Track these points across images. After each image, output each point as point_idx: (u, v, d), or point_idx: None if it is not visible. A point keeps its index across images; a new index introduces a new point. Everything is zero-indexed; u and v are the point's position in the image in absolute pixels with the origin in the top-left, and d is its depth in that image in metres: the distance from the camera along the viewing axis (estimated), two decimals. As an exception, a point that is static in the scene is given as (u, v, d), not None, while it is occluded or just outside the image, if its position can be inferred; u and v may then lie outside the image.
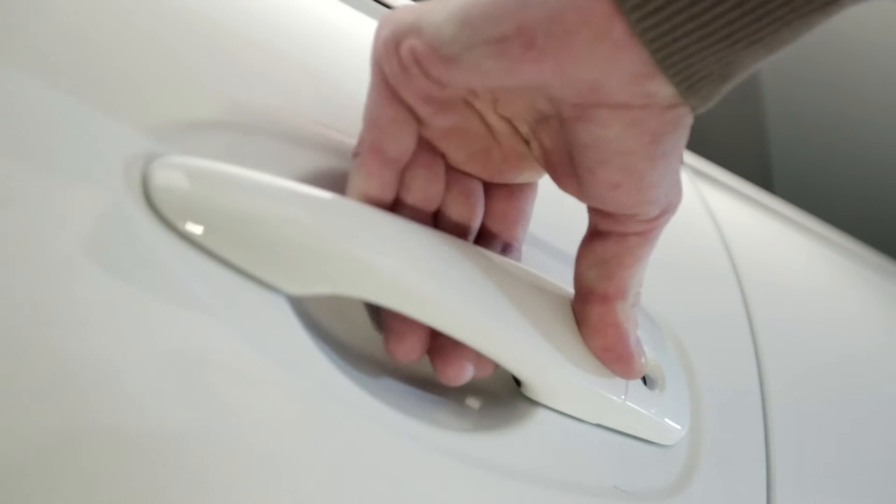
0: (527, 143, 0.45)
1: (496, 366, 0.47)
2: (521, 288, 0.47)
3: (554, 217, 0.55)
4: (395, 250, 0.42)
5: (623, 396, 0.49)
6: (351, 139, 0.46)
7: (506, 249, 0.50)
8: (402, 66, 0.41)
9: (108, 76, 0.39)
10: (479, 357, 0.46)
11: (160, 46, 0.42)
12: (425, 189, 0.46)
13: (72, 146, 0.37)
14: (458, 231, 0.48)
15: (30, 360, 0.34)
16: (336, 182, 0.45)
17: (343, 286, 0.41)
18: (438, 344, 0.46)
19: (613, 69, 0.37)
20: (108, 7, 0.41)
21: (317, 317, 0.44)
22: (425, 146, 0.46)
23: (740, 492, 0.58)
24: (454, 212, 0.47)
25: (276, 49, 0.47)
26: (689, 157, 0.75)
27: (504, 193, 0.49)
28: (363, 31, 0.53)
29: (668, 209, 0.43)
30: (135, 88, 0.40)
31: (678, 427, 0.53)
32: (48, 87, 0.37)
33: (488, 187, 0.49)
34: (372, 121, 0.43)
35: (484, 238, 0.49)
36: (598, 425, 0.50)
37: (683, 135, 0.40)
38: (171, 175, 0.38)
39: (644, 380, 0.52)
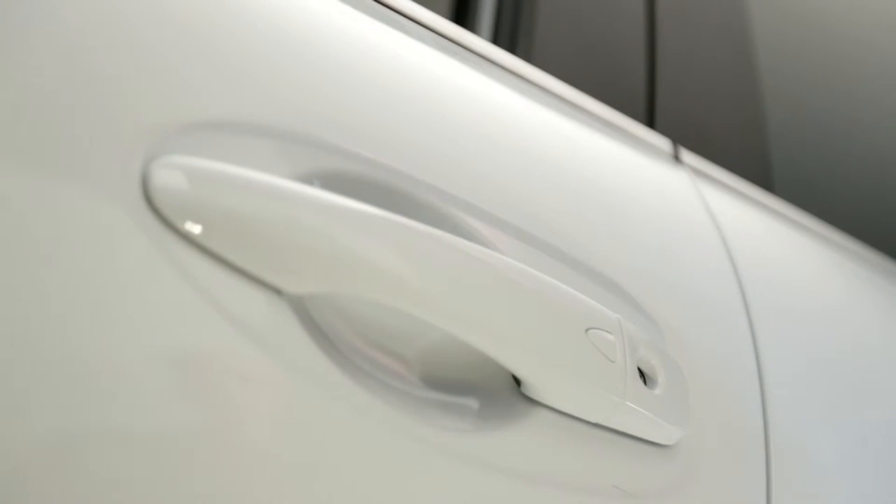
0: None
1: None
2: (522, 287, 0.47)
3: (554, 216, 0.55)
4: (394, 249, 0.42)
5: (622, 396, 0.49)
6: (350, 139, 0.46)
7: None
8: None
9: (107, 77, 0.39)
10: None
11: (160, 47, 0.42)
12: None
13: (71, 146, 0.37)
14: None
15: (29, 360, 0.34)
16: (336, 182, 0.45)
17: (343, 285, 0.41)
18: None
19: None
20: (108, 8, 0.41)
21: (317, 316, 0.44)
22: None
23: (740, 491, 0.58)
24: None
25: (276, 49, 0.47)
26: (690, 157, 0.75)
27: None
28: (363, 30, 0.53)
29: None
30: (134, 89, 0.40)
31: (678, 427, 0.53)
32: (48, 88, 0.37)
33: None
34: None
35: None
36: (598, 425, 0.50)
37: None
38: (170, 175, 0.38)
39: (644, 380, 0.52)
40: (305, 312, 0.42)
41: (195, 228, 0.38)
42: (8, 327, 0.34)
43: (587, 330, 0.48)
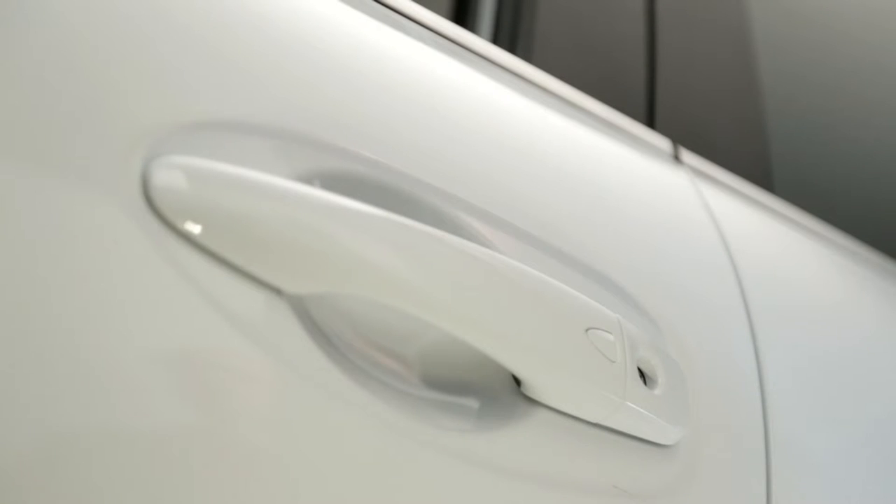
0: None
1: None
2: (522, 287, 0.47)
3: (552, 216, 0.55)
4: (394, 249, 0.42)
5: (622, 396, 0.49)
6: (350, 139, 0.46)
7: None
8: None
9: (107, 76, 0.39)
10: None
11: (160, 47, 0.42)
12: None
13: (71, 146, 0.37)
14: None
15: (29, 360, 0.34)
16: (336, 182, 0.45)
17: (342, 285, 0.41)
18: None
19: None
20: (108, 9, 0.41)
21: (317, 316, 0.44)
22: None
23: (740, 491, 0.58)
24: None
25: (276, 49, 0.47)
26: (690, 157, 0.75)
27: None
28: (363, 30, 0.53)
29: None
30: (134, 88, 0.40)
31: (677, 427, 0.53)
32: (48, 88, 0.37)
33: None
34: None
35: None
36: (598, 425, 0.50)
37: None
38: (170, 175, 0.38)
39: (643, 380, 0.52)
40: (305, 312, 0.42)
41: (195, 228, 0.38)
42: (8, 327, 0.34)
43: (587, 330, 0.48)
